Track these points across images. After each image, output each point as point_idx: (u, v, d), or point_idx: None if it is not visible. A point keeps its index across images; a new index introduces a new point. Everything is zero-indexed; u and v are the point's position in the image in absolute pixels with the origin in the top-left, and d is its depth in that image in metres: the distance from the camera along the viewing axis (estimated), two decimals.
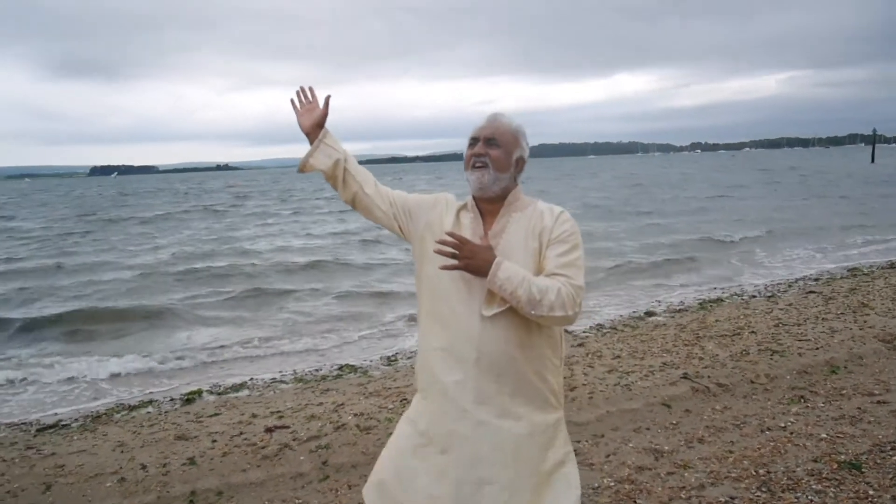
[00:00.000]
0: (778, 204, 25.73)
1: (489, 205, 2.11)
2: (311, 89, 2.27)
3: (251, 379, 6.58)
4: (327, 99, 2.22)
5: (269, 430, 4.59)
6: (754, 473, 3.57)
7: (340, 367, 6.80)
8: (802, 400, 4.73)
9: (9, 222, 31.63)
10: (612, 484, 3.56)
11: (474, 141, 2.10)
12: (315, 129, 2.20)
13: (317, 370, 6.80)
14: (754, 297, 9.38)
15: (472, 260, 1.91)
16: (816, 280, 10.49)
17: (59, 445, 4.60)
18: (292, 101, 2.26)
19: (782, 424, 4.28)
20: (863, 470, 3.56)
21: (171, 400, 5.99)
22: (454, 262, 1.92)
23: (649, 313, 8.65)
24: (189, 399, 5.94)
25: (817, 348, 5.88)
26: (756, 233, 16.94)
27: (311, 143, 2.20)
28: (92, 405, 6.06)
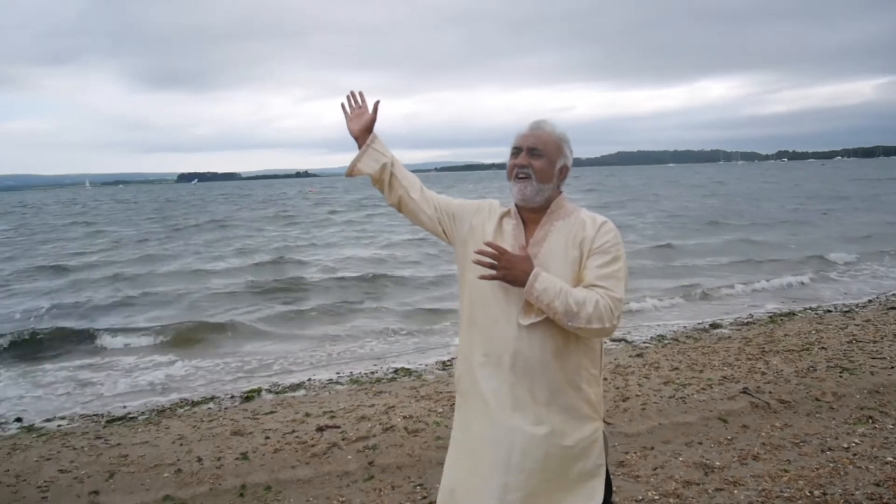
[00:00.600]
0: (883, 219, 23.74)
1: (532, 213, 2.12)
2: (360, 94, 2.33)
3: (309, 380, 6.75)
4: (376, 104, 2.28)
5: (320, 429, 4.71)
6: (809, 494, 3.41)
7: (395, 371, 6.89)
8: (871, 420, 4.48)
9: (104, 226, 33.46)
10: (657, 497, 3.47)
11: (517, 151, 2.10)
12: (364, 133, 2.26)
13: (372, 373, 6.91)
14: (829, 311, 8.94)
15: (510, 270, 1.92)
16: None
17: (124, 436, 4.86)
18: (343, 106, 2.33)
19: (845, 445, 4.06)
20: None
21: (232, 397, 6.22)
22: (493, 272, 1.94)
23: (715, 325, 8.37)
24: (248, 397, 6.16)
25: (892, 367, 5.56)
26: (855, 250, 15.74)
27: (360, 147, 2.26)
28: (159, 399, 6.36)
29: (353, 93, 2.32)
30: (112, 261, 18.14)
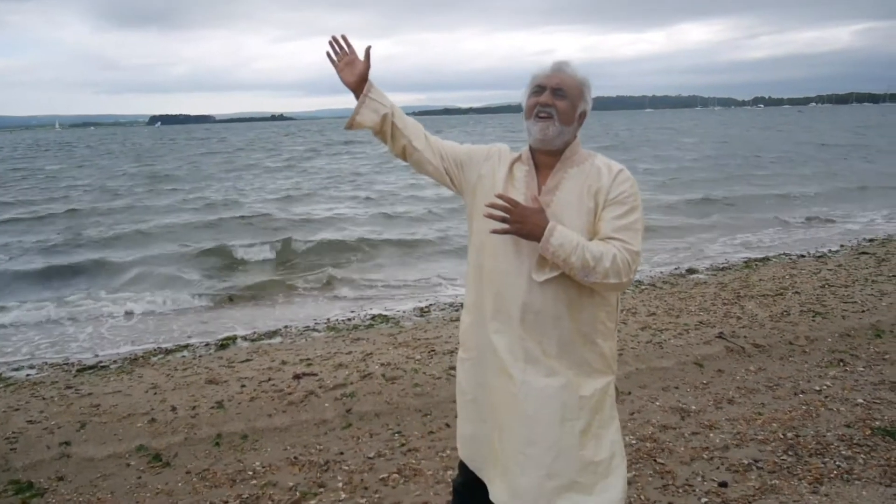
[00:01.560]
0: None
1: (547, 157, 2.01)
2: (344, 38, 2.14)
3: (286, 326, 6.69)
4: (368, 50, 2.10)
5: (296, 376, 4.66)
6: (782, 437, 3.46)
7: (373, 318, 6.85)
8: (842, 363, 4.55)
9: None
10: (634, 442, 3.50)
11: (539, 89, 1.97)
12: (359, 83, 2.09)
13: (349, 319, 6.87)
14: (803, 256, 9.05)
15: (523, 224, 1.83)
16: (871, 241, 10.04)
17: (96, 385, 4.77)
18: (328, 55, 2.14)
19: (817, 388, 4.13)
20: None
21: (207, 345, 6.15)
22: (504, 225, 1.84)
23: (691, 270, 8.44)
24: (223, 344, 6.08)
25: (863, 311, 5.65)
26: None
27: (357, 98, 2.10)
28: (131, 348, 6.26)
29: (336, 38, 2.13)
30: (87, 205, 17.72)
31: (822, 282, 6.86)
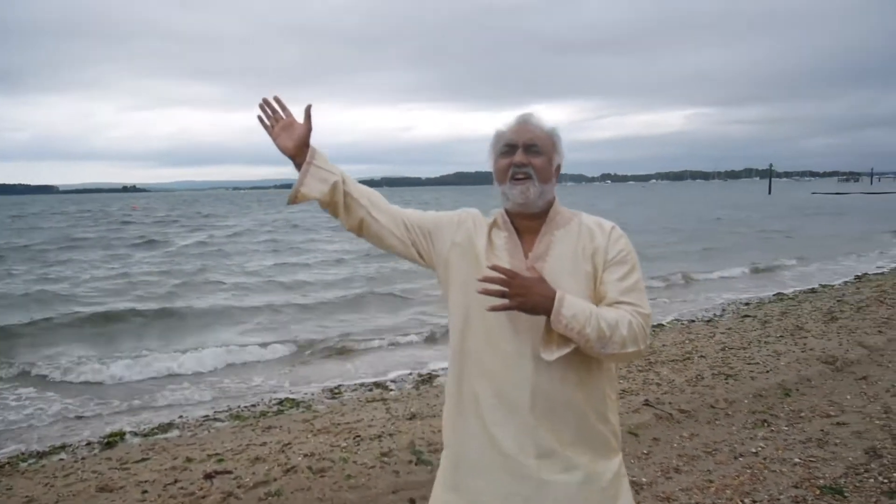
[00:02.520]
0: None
1: (528, 221, 1.83)
2: (277, 99, 1.88)
3: (180, 417, 6.00)
4: (308, 110, 1.84)
5: (208, 476, 4.10)
6: (740, 503, 3.42)
7: (280, 402, 6.31)
8: (766, 424, 4.66)
9: None
10: None
11: (509, 148, 1.81)
12: (300, 149, 1.83)
13: (254, 405, 6.28)
14: (693, 321, 9.51)
15: (526, 298, 1.63)
16: (747, 304, 10.78)
17: None
18: (260, 120, 1.88)
19: (753, 450, 4.18)
20: (845, 494, 3.48)
21: (89, 444, 5.35)
22: (503, 301, 1.63)
23: None
24: (110, 442, 5.32)
25: (767, 371, 5.90)
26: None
27: (298, 166, 1.84)
28: None
29: (267, 100, 1.87)
30: None
31: (720, 345, 7.17)
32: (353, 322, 10.56)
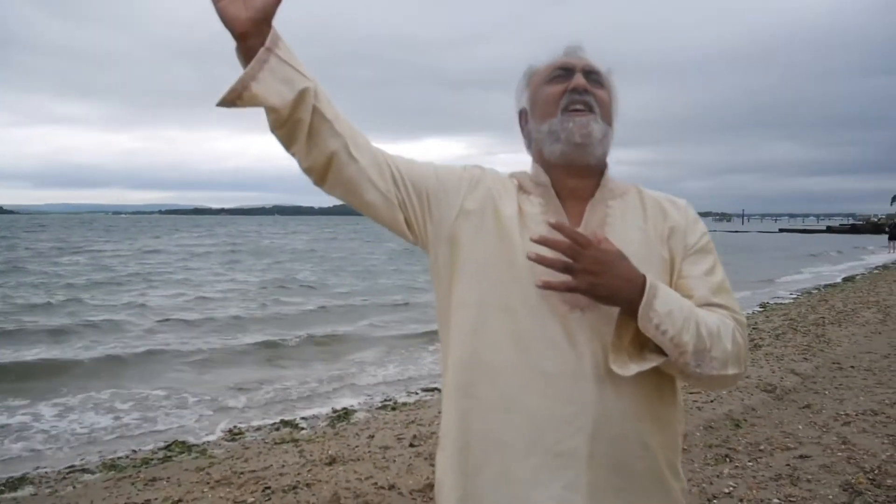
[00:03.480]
0: None
1: (576, 180, 1.26)
2: None
3: (36, 469, 4.86)
4: None
5: None
6: None
7: (167, 446, 5.27)
8: (728, 459, 4.27)
9: None
10: None
11: (565, 72, 1.25)
12: (259, 25, 1.09)
13: (133, 452, 5.22)
14: None
15: (599, 278, 1.08)
16: None
17: None
18: None
19: (727, 490, 3.74)
20: None
21: None
22: (564, 277, 1.09)
23: None
24: None
25: (711, 401, 5.59)
26: None
27: (244, 52, 1.10)
28: None
29: None
30: None
31: None
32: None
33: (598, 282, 1.07)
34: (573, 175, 1.25)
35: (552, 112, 1.23)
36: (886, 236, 38.36)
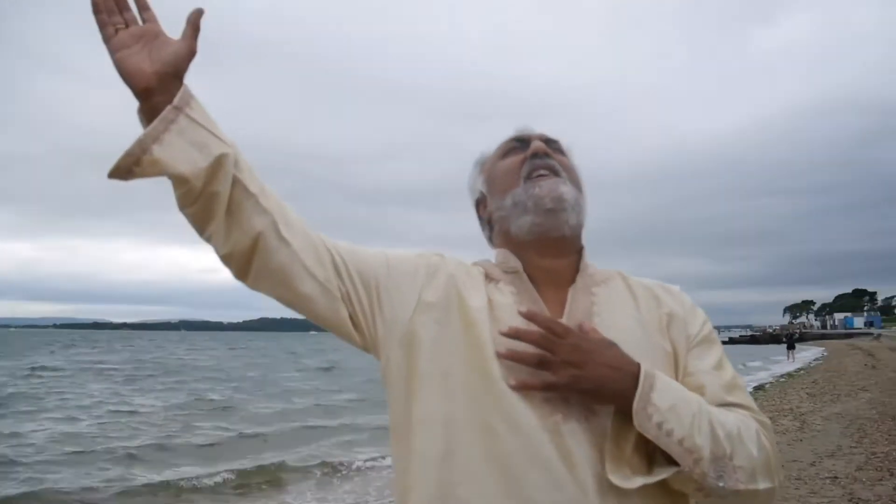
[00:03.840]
0: None
1: (551, 259, 1.10)
2: None
3: None
4: (196, 16, 0.94)
5: None
6: None
7: None
8: None
9: None
10: None
11: (519, 143, 1.16)
12: (166, 80, 0.92)
13: None
14: None
15: (580, 368, 0.93)
16: None
17: None
18: (99, 21, 0.92)
19: None
20: None
21: None
22: (544, 374, 0.94)
23: None
24: None
25: None
26: None
27: (147, 112, 0.92)
28: None
29: None
30: None
31: None
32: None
33: (580, 373, 0.92)
34: (547, 254, 1.10)
35: (514, 182, 1.11)
36: (784, 345, 40.40)
